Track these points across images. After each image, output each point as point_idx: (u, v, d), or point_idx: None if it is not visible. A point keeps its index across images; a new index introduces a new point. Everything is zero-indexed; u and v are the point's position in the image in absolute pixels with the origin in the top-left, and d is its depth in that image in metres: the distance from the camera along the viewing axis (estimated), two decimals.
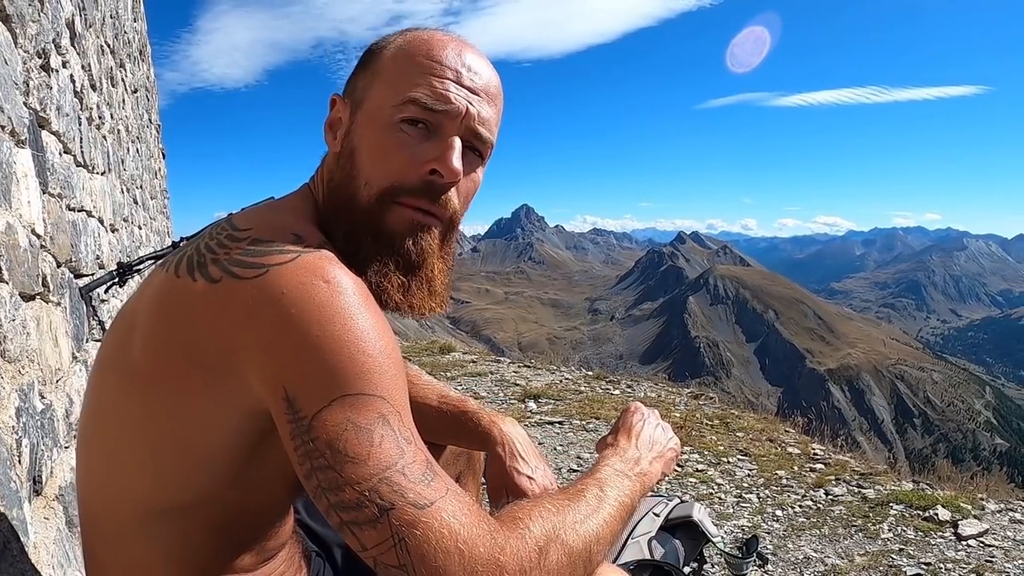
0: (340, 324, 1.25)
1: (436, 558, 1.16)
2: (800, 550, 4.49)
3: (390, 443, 1.22)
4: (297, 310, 1.24)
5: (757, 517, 4.99)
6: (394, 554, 1.16)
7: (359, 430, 1.21)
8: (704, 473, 5.80)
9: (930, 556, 4.32)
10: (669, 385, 9.74)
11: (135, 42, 8.26)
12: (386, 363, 1.28)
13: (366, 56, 1.60)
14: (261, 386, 1.27)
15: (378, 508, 1.17)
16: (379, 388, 1.25)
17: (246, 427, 1.37)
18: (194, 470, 1.40)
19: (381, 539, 1.17)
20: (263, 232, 1.36)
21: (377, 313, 1.33)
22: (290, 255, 1.31)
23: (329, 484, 1.20)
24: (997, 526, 4.71)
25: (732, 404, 8.98)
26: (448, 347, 12.00)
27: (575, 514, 1.37)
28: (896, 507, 5.01)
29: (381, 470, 1.19)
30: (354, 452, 1.19)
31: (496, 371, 9.90)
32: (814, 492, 5.44)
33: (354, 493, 1.18)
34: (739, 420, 7.50)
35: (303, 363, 1.23)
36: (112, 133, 5.40)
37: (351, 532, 1.19)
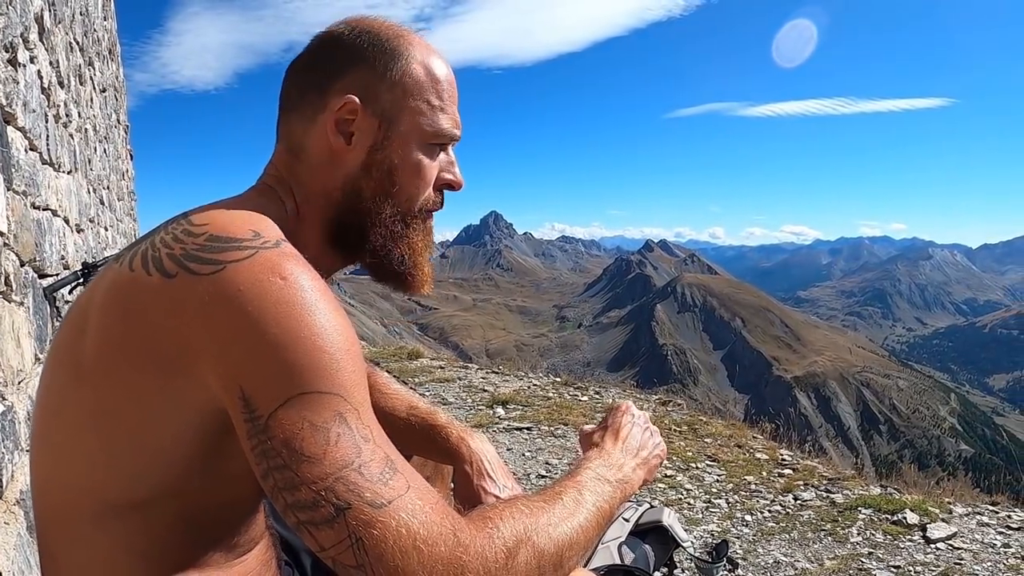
0: (296, 321, 1.24)
1: (394, 557, 1.15)
2: (770, 554, 4.50)
3: (347, 441, 1.20)
4: (253, 307, 1.23)
5: (726, 522, 4.99)
6: (351, 554, 1.15)
7: (315, 429, 1.19)
8: (673, 479, 5.79)
9: (899, 559, 4.33)
10: (637, 392, 9.75)
11: (104, 40, 8.20)
12: (344, 359, 1.27)
13: (376, 53, 1.59)
14: (217, 384, 1.25)
15: (334, 508, 1.16)
16: (336, 386, 1.23)
17: (203, 424, 1.34)
18: (151, 465, 1.37)
19: (338, 539, 1.16)
20: (220, 228, 1.34)
21: (336, 308, 1.32)
22: (247, 252, 1.29)
23: (285, 484, 1.18)
24: (965, 529, 4.73)
25: (700, 411, 8.99)
26: (416, 353, 11.95)
27: (549, 517, 1.36)
28: (865, 511, 5.02)
29: (337, 469, 1.17)
30: (310, 451, 1.18)
31: (464, 377, 9.87)
32: (783, 497, 5.45)
33: (310, 493, 1.16)
34: (707, 426, 7.49)
35: (259, 362, 1.22)
36: (79, 132, 5.36)
37: (308, 532, 1.18)
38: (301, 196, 1.60)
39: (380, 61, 1.58)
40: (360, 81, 1.57)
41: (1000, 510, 5.15)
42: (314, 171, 1.59)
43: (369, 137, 1.58)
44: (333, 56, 1.59)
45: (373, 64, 1.58)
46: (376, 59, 1.58)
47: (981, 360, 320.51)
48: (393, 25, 1.64)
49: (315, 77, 1.59)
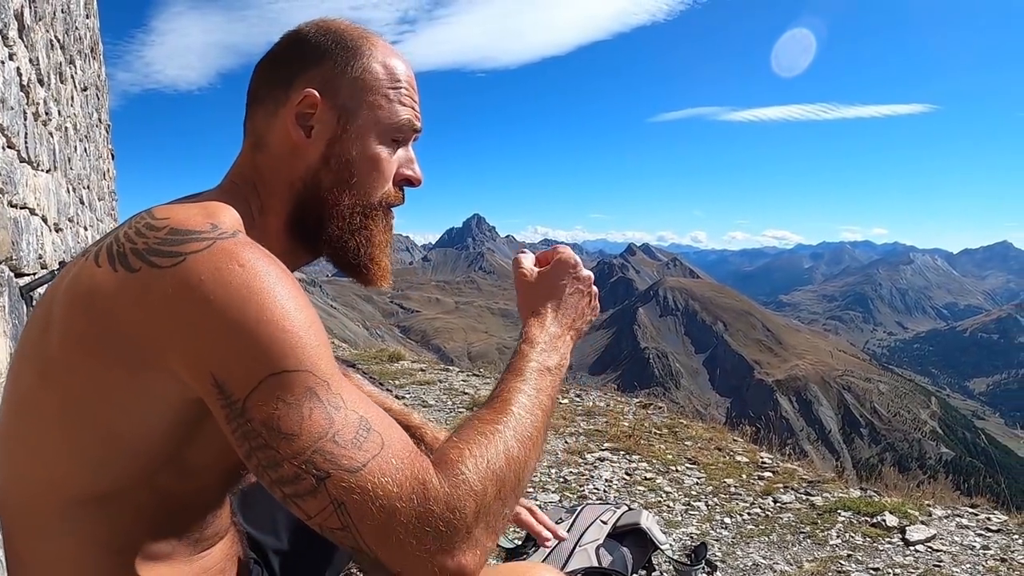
0: (258, 304, 1.27)
1: (375, 516, 1.22)
2: (749, 557, 4.49)
3: (319, 414, 1.25)
4: (215, 296, 1.26)
5: (706, 525, 4.98)
6: (336, 518, 1.22)
7: (289, 406, 1.24)
8: (652, 481, 5.78)
9: (878, 562, 4.33)
10: (618, 394, 9.73)
11: (86, 39, 8.17)
12: (307, 336, 1.30)
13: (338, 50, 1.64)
14: (188, 375, 1.28)
15: (315, 478, 1.22)
16: (303, 362, 1.27)
17: (171, 416, 1.37)
18: (118, 458, 1.39)
19: (322, 506, 1.22)
20: (180, 222, 1.36)
21: (295, 288, 1.35)
22: (206, 242, 1.32)
23: (268, 462, 1.24)
24: (944, 531, 4.73)
25: (681, 414, 8.97)
26: (397, 355, 11.93)
27: (505, 439, 1.40)
28: (844, 514, 5.02)
29: (313, 441, 1.23)
30: (287, 428, 1.23)
31: (445, 379, 9.87)
32: (762, 500, 5.45)
33: (291, 467, 1.22)
34: (687, 429, 7.48)
35: (227, 348, 1.25)
36: (59, 130, 5.33)
37: (295, 504, 1.25)
38: (266, 190, 1.63)
39: (341, 58, 1.63)
40: (321, 76, 1.61)
41: (980, 512, 5.16)
42: (276, 163, 1.63)
43: (328, 130, 1.62)
44: (297, 53, 1.63)
45: (334, 60, 1.63)
46: (338, 56, 1.63)
47: (962, 364, 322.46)
48: (358, 27, 1.69)
49: (280, 73, 1.63)
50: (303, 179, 1.63)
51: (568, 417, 7.68)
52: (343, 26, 1.67)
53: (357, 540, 1.23)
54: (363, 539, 1.23)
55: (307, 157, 1.62)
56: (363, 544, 1.23)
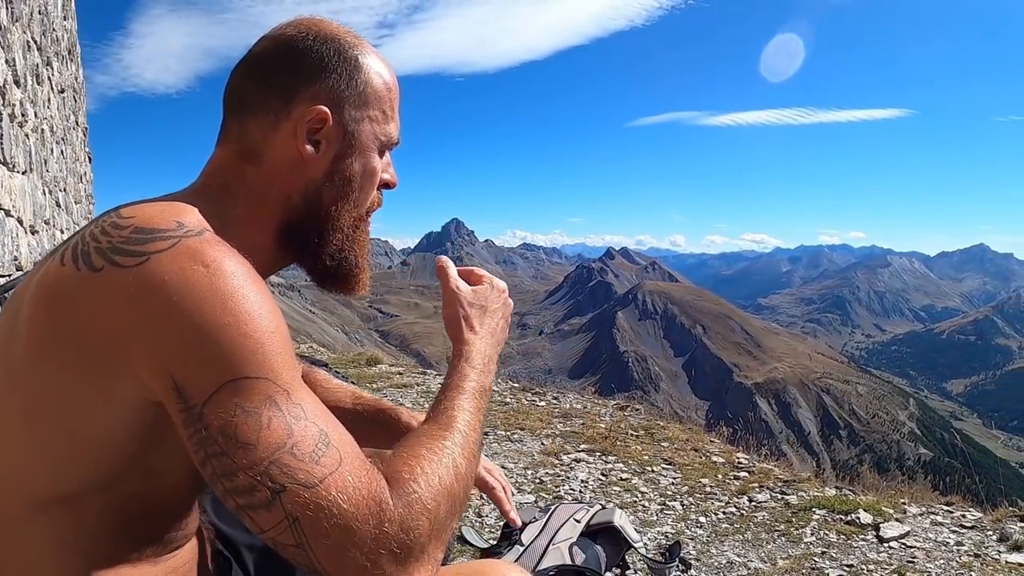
0: (221, 308, 1.25)
1: (329, 535, 1.20)
2: (723, 555, 4.49)
3: (278, 424, 1.23)
4: (178, 297, 1.24)
5: (681, 524, 4.97)
6: (290, 534, 1.20)
7: (247, 414, 1.21)
8: (628, 482, 5.77)
9: (852, 558, 4.33)
10: (595, 397, 9.73)
11: (64, 40, 8.13)
12: (270, 342, 1.28)
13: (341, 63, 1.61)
14: (149, 376, 1.26)
15: (270, 491, 1.19)
16: (264, 369, 1.25)
17: (136, 417, 1.34)
18: (81, 459, 1.36)
19: (276, 521, 1.19)
20: (145, 220, 1.34)
21: (261, 292, 1.33)
22: (170, 241, 1.30)
23: (223, 470, 1.21)
24: (918, 528, 4.74)
25: (658, 416, 8.98)
26: (375, 359, 11.87)
27: (452, 455, 1.42)
28: (818, 512, 5.02)
29: (271, 452, 1.21)
30: (244, 437, 1.20)
31: (423, 383, 9.80)
32: (737, 499, 5.44)
33: (247, 478, 1.20)
34: (664, 431, 7.46)
35: (187, 351, 1.23)
36: (35, 132, 5.30)
37: (248, 516, 1.21)
38: (251, 200, 1.58)
39: (345, 72, 1.60)
40: (328, 91, 1.57)
41: (955, 509, 5.17)
42: (271, 176, 1.58)
43: (334, 146, 1.60)
44: (295, 62, 1.58)
45: (338, 74, 1.59)
46: (341, 69, 1.60)
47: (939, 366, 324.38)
48: (349, 32, 1.66)
49: (279, 82, 1.57)
50: (302, 193, 1.60)
51: (545, 419, 7.66)
52: (338, 31, 1.64)
53: (310, 558, 1.21)
54: (316, 558, 1.21)
55: (309, 172, 1.59)
56: (316, 563, 1.22)
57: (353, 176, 1.64)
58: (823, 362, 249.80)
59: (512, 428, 7.30)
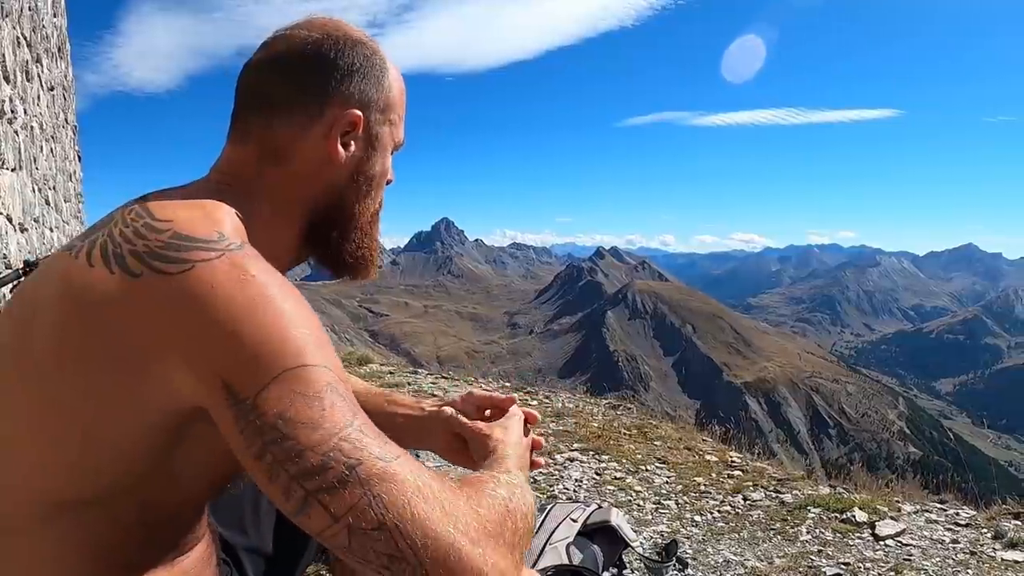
0: (272, 310, 1.24)
1: (417, 509, 1.14)
2: (720, 554, 4.48)
3: (342, 406, 1.20)
4: (226, 301, 1.22)
5: (676, 523, 4.96)
6: (372, 513, 1.12)
7: (307, 398, 1.18)
8: (622, 481, 5.76)
9: (849, 556, 4.33)
10: (587, 396, 9.71)
11: (54, 38, 8.11)
12: (321, 339, 1.28)
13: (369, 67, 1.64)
14: (191, 381, 1.23)
15: (345, 465, 1.14)
16: (320, 359, 1.24)
17: (162, 424, 1.31)
18: (101, 465, 1.33)
19: (354, 500, 1.12)
20: (185, 227, 1.32)
21: (301, 300, 1.32)
22: (215, 252, 1.28)
23: (286, 455, 1.15)
24: (914, 526, 4.74)
25: (650, 415, 8.95)
26: (365, 359, 11.82)
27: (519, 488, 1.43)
28: (814, 510, 5.02)
29: (340, 429, 1.17)
30: (307, 417, 1.16)
31: (413, 382, 9.75)
32: (732, 498, 5.43)
33: (316, 456, 1.14)
34: (657, 429, 7.46)
35: (238, 350, 1.20)
36: (25, 129, 5.28)
37: (319, 503, 1.14)
38: (276, 201, 1.59)
39: (373, 76, 1.63)
40: (360, 95, 1.61)
41: (948, 507, 5.17)
42: (297, 178, 1.59)
43: (361, 149, 1.64)
44: (333, 65, 1.59)
45: (369, 78, 1.62)
46: (372, 74, 1.63)
47: (928, 365, 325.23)
48: (367, 34, 1.68)
49: (313, 84, 1.58)
50: (326, 193, 1.63)
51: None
52: (362, 34, 1.66)
53: (394, 540, 1.12)
54: (406, 540, 1.12)
55: (336, 174, 1.62)
56: (405, 547, 1.12)
57: (374, 176, 1.69)
58: (813, 361, 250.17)
59: None
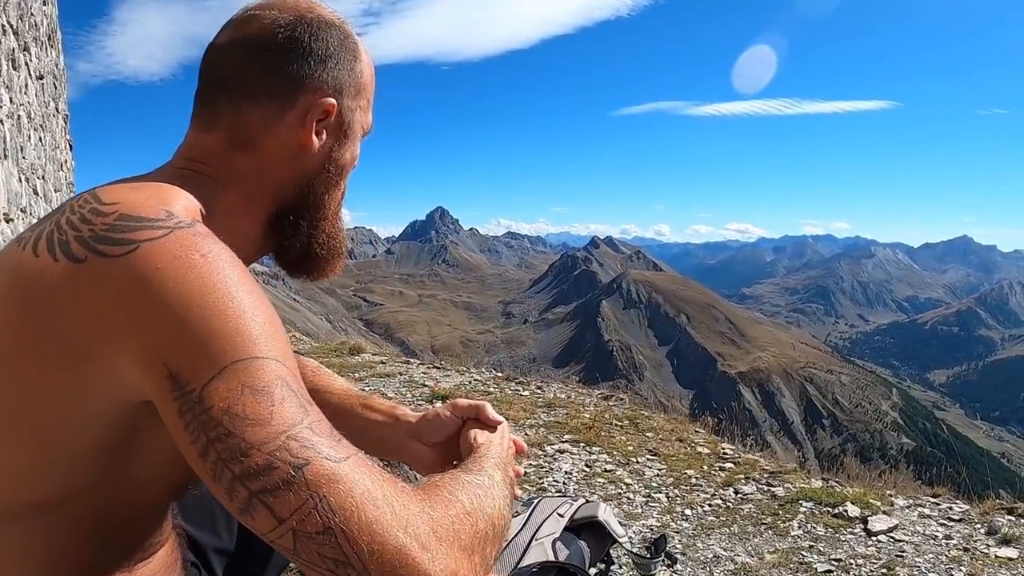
0: (222, 294, 1.16)
1: (365, 512, 1.06)
2: (710, 549, 4.42)
3: (292, 403, 1.12)
4: (173, 283, 1.14)
5: (666, 516, 4.90)
6: (317, 516, 1.04)
7: (256, 393, 1.10)
8: (613, 473, 5.70)
9: (840, 552, 4.27)
10: (579, 386, 9.66)
11: (43, 26, 8.05)
12: (274, 329, 1.20)
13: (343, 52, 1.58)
14: (137, 370, 1.15)
15: (291, 466, 1.05)
16: (272, 351, 1.16)
17: (114, 421, 1.24)
18: (54, 467, 1.27)
19: (299, 502, 1.04)
20: (131, 207, 1.23)
21: (257, 287, 1.24)
22: (161, 231, 1.19)
23: (231, 453, 1.07)
24: (907, 521, 4.68)
25: (643, 405, 8.90)
26: (358, 348, 11.77)
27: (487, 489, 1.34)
28: (806, 504, 4.96)
29: (288, 427, 1.08)
30: (254, 414, 1.08)
31: (405, 372, 9.70)
32: (723, 491, 5.38)
33: (261, 456, 1.06)
34: (649, 420, 7.40)
35: (185, 336, 1.12)
36: (10, 118, 5.23)
37: (263, 504, 1.05)
38: (242, 189, 1.51)
39: (346, 61, 1.57)
40: (333, 80, 1.54)
41: (941, 502, 5.12)
42: (266, 166, 1.52)
43: (332, 136, 1.58)
44: (306, 50, 1.51)
45: (342, 63, 1.56)
46: (345, 58, 1.56)
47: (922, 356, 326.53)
48: (339, 17, 1.61)
49: (286, 70, 1.50)
50: (296, 182, 1.56)
51: (528, 409, 7.56)
52: (333, 16, 1.59)
53: (341, 545, 1.04)
54: (350, 541, 1.04)
55: (307, 162, 1.55)
56: (349, 549, 1.04)
57: (345, 165, 1.63)
58: (807, 352, 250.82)
59: None
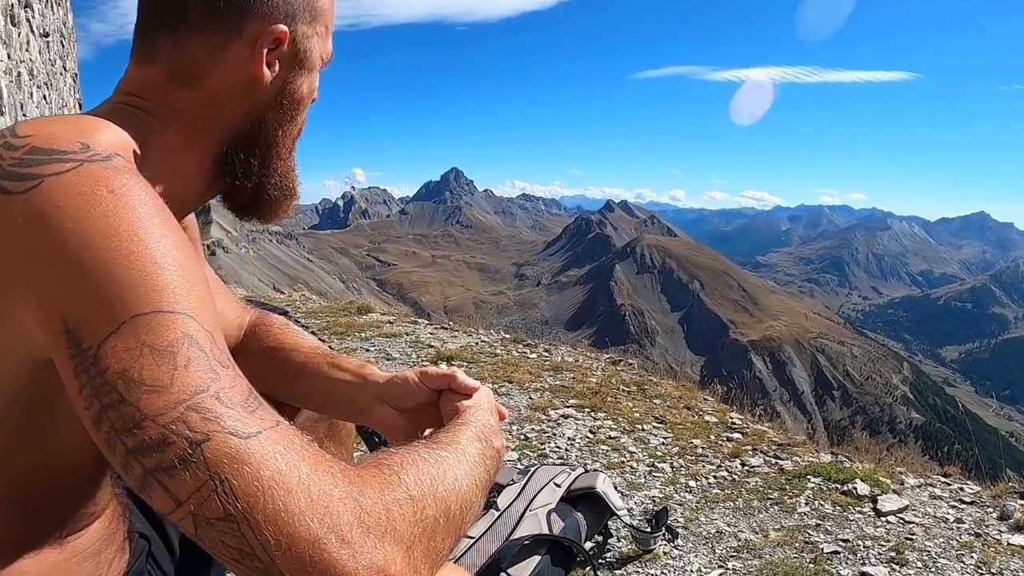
0: (128, 236, 1.00)
1: (273, 498, 0.89)
2: (713, 523, 4.30)
3: (200, 365, 0.96)
4: (74, 223, 0.99)
5: (669, 488, 4.78)
6: (217, 501, 0.88)
7: (158, 353, 0.94)
8: (617, 440, 5.59)
9: (848, 532, 4.14)
10: (588, 350, 9.55)
11: None
12: (189, 279, 1.03)
13: None
14: (37, 324, 1.01)
15: (188, 441, 0.89)
16: (181, 304, 0.99)
17: (26, 378, 1.11)
18: None
19: (197, 484, 0.89)
20: (44, 140, 1.09)
21: (176, 229, 1.08)
22: (70, 164, 1.05)
23: (124, 423, 0.91)
24: (917, 502, 4.55)
25: (652, 371, 8.78)
26: (366, 307, 11.64)
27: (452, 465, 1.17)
28: (814, 480, 4.83)
29: (189, 395, 0.92)
30: (152, 378, 0.92)
31: (412, 332, 9.61)
32: (730, 462, 5.25)
33: (156, 428, 0.90)
34: (657, 387, 7.27)
35: (83, 285, 0.97)
36: (8, 74, 5.11)
37: (159, 484, 0.90)
38: (184, 127, 1.36)
39: None
40: (285, 5, 1.38)
41: (952, 482, 4.98)
42: (213, 101, 1.36)
43: (286, 67, 1.42)
44: None
45: None
46: None
47: (935, 331, 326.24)
48: None
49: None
50: (245, 118, 1.40)
51: (535, 372, 7.46)
52: None
53: (245, 535, 0.88)
54: (254, 531, 0.88)
55: (258, 96, 1.40)
56: (253, 540, 0.88)
57: (301, 98, 1.47)
58: (819, 322, 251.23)
59: (500, 380, 7.10)
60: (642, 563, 3.82)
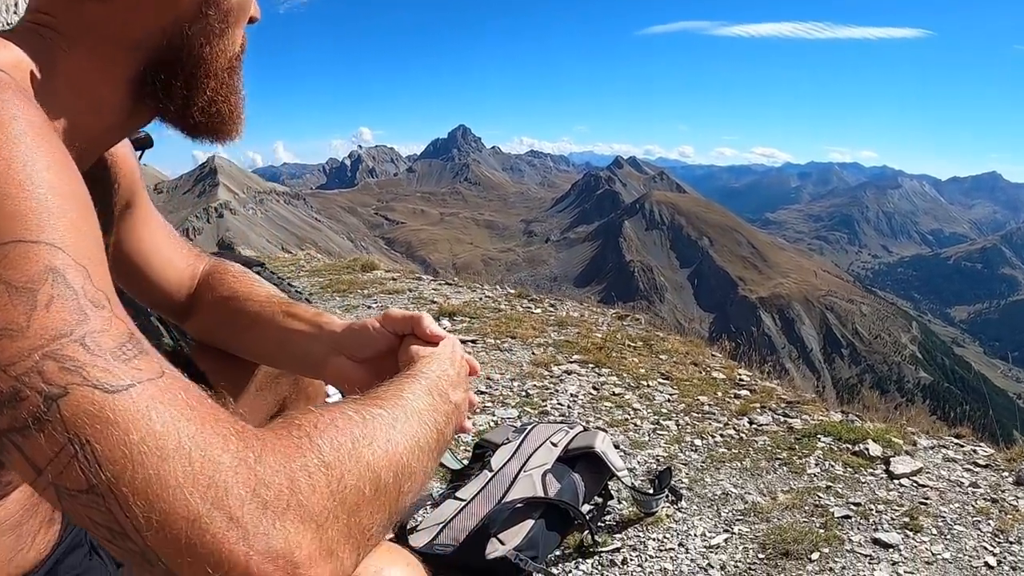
0: None
1: (144, 466, 0.74)
2: (718, 484, 4.15)
3: (65, 305, 0.80)
4: None
5: (674, 446, 4.64)
6: (77, 469, 0.73)
7: (14, 290, 0.79)
8: (621, 397, 5.46)
9: (860, 495, 3.99)
10: (594, 305, 9.44)
11: None
12: (60, 203, 0.87)
13: None
14: None
15: (42, 396, 0.75)
16: (47, 233, 0.83)
17: None
18: None
19: (55, 448, 0.74)
20: None
21: (57, 150, 0.92)
22: None
23: None
24: (931, 464, 4.40)
25: (659, 327, 8.65)
26: (371, 265, 11.54)
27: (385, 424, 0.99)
28: (824, 439, 4.69)
29: (49, 340, 0.77)
30: (6, 320, 0.77)
31: (415, 288, 9.55)
32: (737, 420, 5.12)
33: (6, 380, 0.75)
34: (663, 343, 7.15)
35: None
36: None
37: (15, 447, 0.76)
38: (94, 45, 1.20)
39: None
40: None
41: (966, 444, 4.85)
42: (125, 14, 1.19)
43: None
44: None
45: None
46: None
47: (944, 290, 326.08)
48: None
49: None
50: (163, 33, 1.23)
51: (539, 327, 7.34)
52: None
53: (111, 512, 0.73)
54: (122, 508, 0.73)
55: (178, 8, 1.23)
56: (120, 517, 0.73)
57: (230, 10, 1.30)
58: (828, 280, 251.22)
59: (503, 336, 6.96)
60: (643, 527, 3.66)
